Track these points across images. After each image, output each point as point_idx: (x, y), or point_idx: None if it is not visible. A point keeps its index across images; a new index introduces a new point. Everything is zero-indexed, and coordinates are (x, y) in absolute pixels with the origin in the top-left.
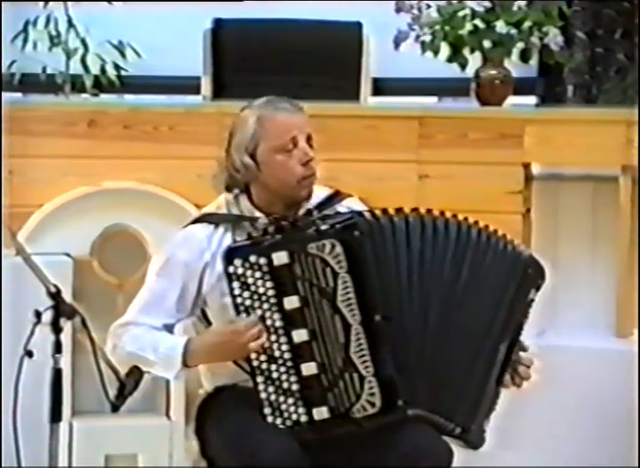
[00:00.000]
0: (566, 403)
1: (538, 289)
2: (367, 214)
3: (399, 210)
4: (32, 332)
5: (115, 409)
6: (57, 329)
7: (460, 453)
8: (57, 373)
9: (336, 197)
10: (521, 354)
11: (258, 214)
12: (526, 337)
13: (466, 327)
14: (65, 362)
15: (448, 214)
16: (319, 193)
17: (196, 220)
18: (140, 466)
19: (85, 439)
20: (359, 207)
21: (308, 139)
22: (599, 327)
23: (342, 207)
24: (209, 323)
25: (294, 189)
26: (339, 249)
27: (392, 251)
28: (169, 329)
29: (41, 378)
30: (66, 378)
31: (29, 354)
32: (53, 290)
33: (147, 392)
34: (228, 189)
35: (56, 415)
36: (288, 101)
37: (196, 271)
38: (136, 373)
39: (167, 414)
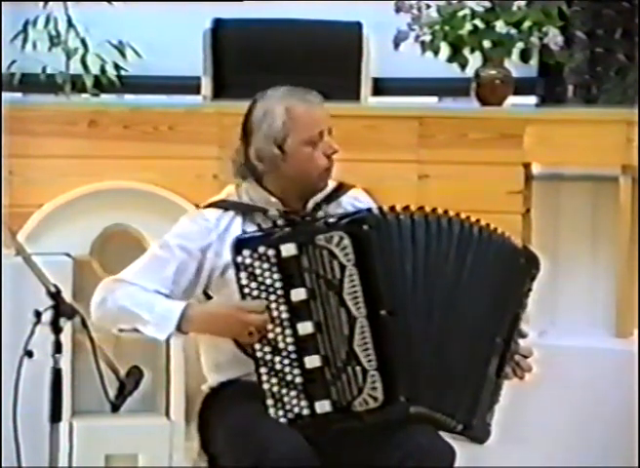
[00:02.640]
0: (566, 403)
1: (532, 279)
2: (375, 210)
3: (406, 207)
4: (32, 332)
5: (115, 409)
6: (57, 329)
7: (461, 452)
8: (57, 373)
9: (341, 189)
10: (520, 343)
11: (273, 199)
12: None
13: (466, 323)
14: (65, 362)
15: (451, 213)
16: None
17: (207, 206)
18: (139, 466)
19: (85, 439)
20: (364, 197)
21: (329, 132)
22: (599, 327)
23: (349, 197)
24: None
25: (315, 180)
26: (346, 241)
27: (398, 246)
28: None
29: (41, 378)
30: (66, 378)
31: (29, 354)
32: (53, 290)
33: (147, 392)
34: (242, 178)
35: (56, 415)
36: (310, 93)
37: (199, 247)
38: (136, 373)
39: (167, 414)
